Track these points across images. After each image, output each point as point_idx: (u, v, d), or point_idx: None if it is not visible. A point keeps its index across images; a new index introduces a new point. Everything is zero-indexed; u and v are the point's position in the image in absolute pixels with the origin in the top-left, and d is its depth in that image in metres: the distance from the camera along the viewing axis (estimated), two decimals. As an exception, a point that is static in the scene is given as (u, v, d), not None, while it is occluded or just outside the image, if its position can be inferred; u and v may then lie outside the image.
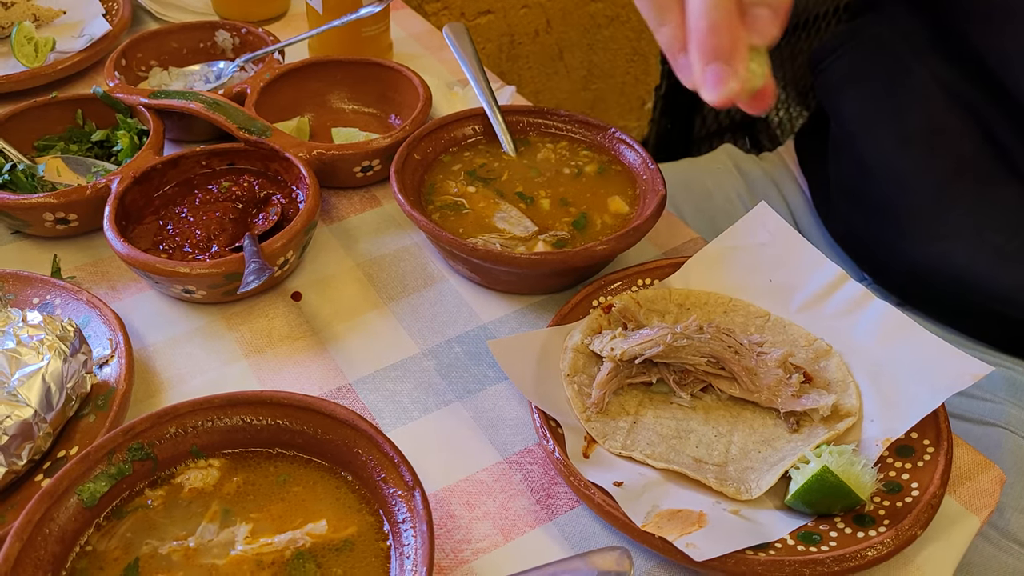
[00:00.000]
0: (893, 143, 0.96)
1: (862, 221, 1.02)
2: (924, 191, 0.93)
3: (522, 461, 0.68)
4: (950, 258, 0.92)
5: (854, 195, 1.02)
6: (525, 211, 0.84)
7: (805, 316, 0.75)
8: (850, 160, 1.02)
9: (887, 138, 0.97)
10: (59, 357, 0.65)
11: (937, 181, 0.92)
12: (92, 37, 1.10)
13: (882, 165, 0.97)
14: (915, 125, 0.94)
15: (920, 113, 0.94)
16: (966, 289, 0.91)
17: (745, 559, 0.57)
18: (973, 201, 0.91)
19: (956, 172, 0.92)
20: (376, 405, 0.72)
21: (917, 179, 0.94)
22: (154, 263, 0.75)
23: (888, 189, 0.97)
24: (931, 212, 0.93)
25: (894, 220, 0.97)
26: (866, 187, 1.00)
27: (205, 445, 0.61)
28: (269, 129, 0.89)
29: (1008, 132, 0.87)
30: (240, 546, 0.56)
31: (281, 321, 0.79)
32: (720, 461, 0.65)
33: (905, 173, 0.95)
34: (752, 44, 0.51)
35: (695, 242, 0.87)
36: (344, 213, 0.91)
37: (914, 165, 0.94)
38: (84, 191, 0.82)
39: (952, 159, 0.92)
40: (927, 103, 0.94)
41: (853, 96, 1.03)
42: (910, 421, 0.65)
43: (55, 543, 0.54)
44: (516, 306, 0.81)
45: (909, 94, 0.96)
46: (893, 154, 0.96)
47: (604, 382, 0.69)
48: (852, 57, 1.04)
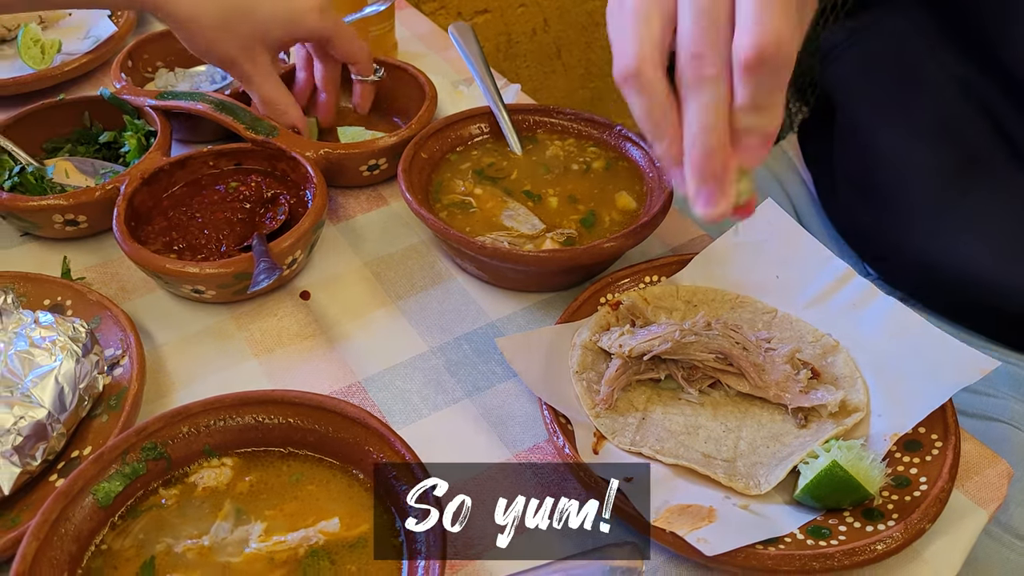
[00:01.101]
0: (902, 135, 0.96)
1: (868, 214, 1.02)
2: (932, 184, 0.93)
3: (532, 457, 0.68)
4: (956, 252, 0.92)
5: (860, 188, 1.02)
6: (533, 209, 0.84)
7: (812, 312, 0.75)
8: (857, 152, 1.02)
9: (896, 130, 0.97)
10: (71, 358, 0.65)
11: (946, 174, 0.92)
12: (98, 39, 1.11)
13: (890, 157, 0.97)
14: (925, 118, 0.94)
15: (930, 106, 0.94)
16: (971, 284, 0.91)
17: (755, 553, 0.57)
18: (982, 195, 0.91)
19: (965, 166, 0.91)
20: (386, 403, 0.72)
21: (926, 172, 0.94)
22: (164, 264, 0.75)
23: (896, 182, 0.97)
24: (938, 206, 0.93)
25: (901, 213, 0.97)
26: (873, 180, 1.00)
27: (218, 444, 0.61)
28: (276, 129, 0.89)
29: (1019, 126, 0.87)
30: (254, 544, 0.56)
31: (290, 320, 0.79)
32: (729, 457, 0.66)
33: (913, 166, 0.95)
34: (742, 167, 0.54)
35: (702, 239, 0.88)
36: (351, 212, 0.91)
37: (923, 158, 0.94)
38: (93, 193, 0.83)
39: (962, 153, 0.92)
40: (938, 96, 0.94)
41: (862, 88, 1.02)
42: (918, 416, 0.65)
43: (71, 542, 0.55)
44: (524, 304, 0.81)
45: (920, 87, 0.95)
46: (902, 147, 0.96)
47: (613, 379, 0.69)
48: (862, 49, 1.03)
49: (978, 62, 0.90)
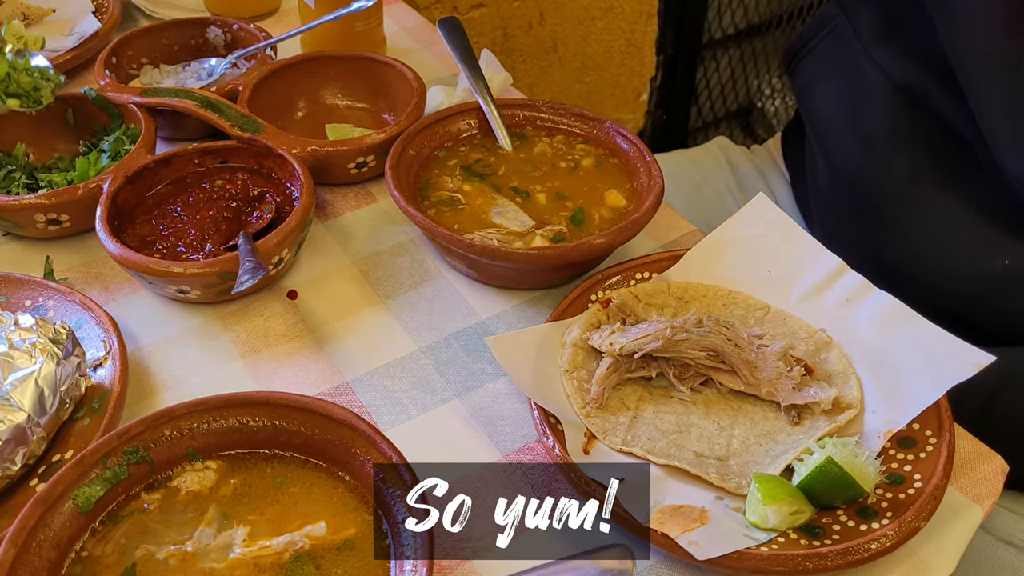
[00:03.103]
0: (855, 145, 0.95)
1: (835, 221, 1.02)
2: (891, 191, 0.92)
3: (522, 458, 0.67)
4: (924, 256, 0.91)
5: (826, 197, 1.02)
6: (522, 206, 0.83)
7: (805, 307, 0.74)
8: (822, 162, 1.02)
9: (849, 140, 0.96)
10: (52, 360, 0.64)
11: (903, 181, 0.91)
12: (82, 35, 1.09)
13: (847, 167, 0.96)
14: (873, 126, 0.93)
15: (878, 117, 0.93)
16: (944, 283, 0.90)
17: (748, 554, 0.57)
18: (942, 197, 0.90)
19: (921, 170, 0.90)
20: (374, 404, 0.71)
21: (883, 180, 0.93)
22: (147, 263, 0.74)
23: (856, 191, 0.96)
24: (901, 212, 0.92)
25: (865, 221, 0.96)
26: (836, 190, 0.99)
27: (201, 447, 0.60)
28: (262, 126, 0.88)
29: (966, 124, 0.85)
30: (238, 549, 0.55)
31: (277, 320, 0.78)
32: (721, 455, 0.65)
33: (870, 175, 0.94)
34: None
35: (693, 235, 0.87)
36: (339, 210, 0.90)
37: (877, 166, 0.93)
38: (76, 191, 0.81)
39: (915, 157, 0.91)
40: (882, 103, 0.93)
41: (819, 96, 1.02)
42: (912, 412, 0.65)
43: (50, 549, 0.54)
44: (514, 301, 0.80)
45: (865, 94, 0.95)
46: (856, 156, 0.95)
47: (603, 377, 0.68)
48: (818, 53, 1.03)
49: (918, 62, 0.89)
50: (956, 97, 0.84)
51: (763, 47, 2.14)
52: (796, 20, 2.08)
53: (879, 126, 0.93)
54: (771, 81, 2.18)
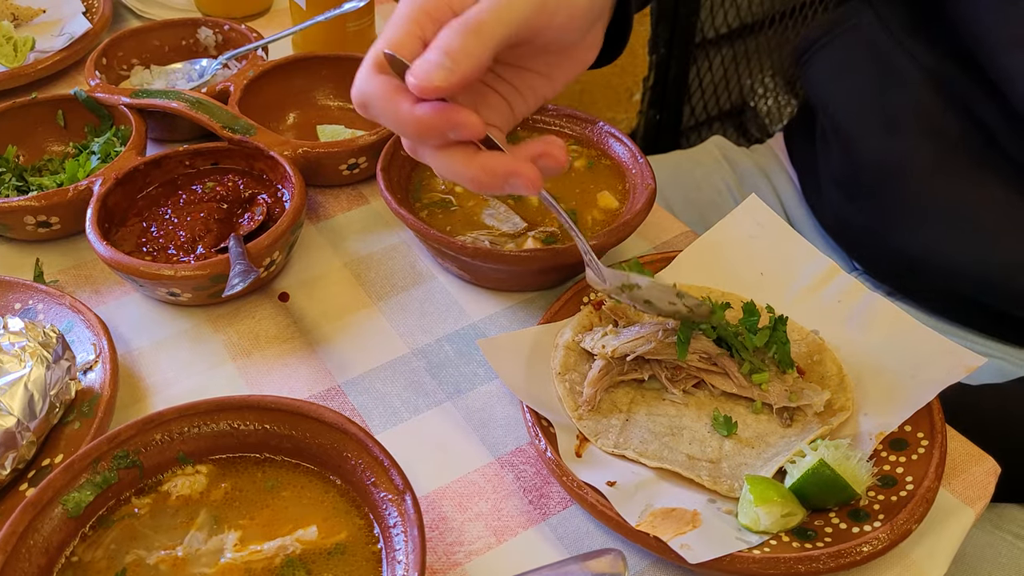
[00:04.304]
0: (880, 133, 0.96)
1: (852, 212, 1.02)
2: (913, 179, 0.93)
3: (514, 461, 0.67)
4: (940, 245, 0.91)
5: (843, 186, 1.02)
6: (514, 207, 0.83)
7: (797, 309, 0.74)
8: (839, 152, 1.02)
9: (873, 128, 0.96)
10: (41, 364, 0.64)
11: (925, 169, 0.92)
12: (72, 36, 1.09)
13: (870, 155, 0.97)
14: (900, 113, 0.94)
15: (904, 101, 0.94)
16: (956, 276, 0.91)
17: (740, 557, 0.56)
18: (963, 187, 0.90)
19: (944, 159, 0.91)
20: (365, 407, 0.71)
21: (905, 167, 0.93)
22: (138, 266, 0.74)
23: (877, 179, 0.96)
24: (920, 200, 0.92)
25: (883, 209, 0.97)
26: (855, 178, 0.99)
27: (192, 451, 0.60)
28: (253, 127, 0.88)
29: (994, 114, 0.86)
30: (229, 554, 0.55)
31: (268, 323, 0.78)
32: (714, 458, 0.65)
33: (893, 162, 0.94)
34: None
35: (686, 236, 0.87)
36: (331, 212, 0.90)
37: (901, 154, 0.94)
38: (66, 193, 0.81)
39: (939, 146, 0.91)
40: (911, 90, 0.93)
41: (839, 88, 1.02)
42: (904, 414, 0.65)
43: (40, 554, 0.53)
44: (506, 304, 0.80)
45: (892, 83, 0.95)
46: (880, 144, 0.96)
47: (596, 380, 0.68)
48: (836, 48, 1.03)
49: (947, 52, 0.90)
50: (984, 86, 0.85)
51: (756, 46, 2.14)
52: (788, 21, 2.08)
53: (905, 110, 0.93)
54: (764, 80, 2.18)
